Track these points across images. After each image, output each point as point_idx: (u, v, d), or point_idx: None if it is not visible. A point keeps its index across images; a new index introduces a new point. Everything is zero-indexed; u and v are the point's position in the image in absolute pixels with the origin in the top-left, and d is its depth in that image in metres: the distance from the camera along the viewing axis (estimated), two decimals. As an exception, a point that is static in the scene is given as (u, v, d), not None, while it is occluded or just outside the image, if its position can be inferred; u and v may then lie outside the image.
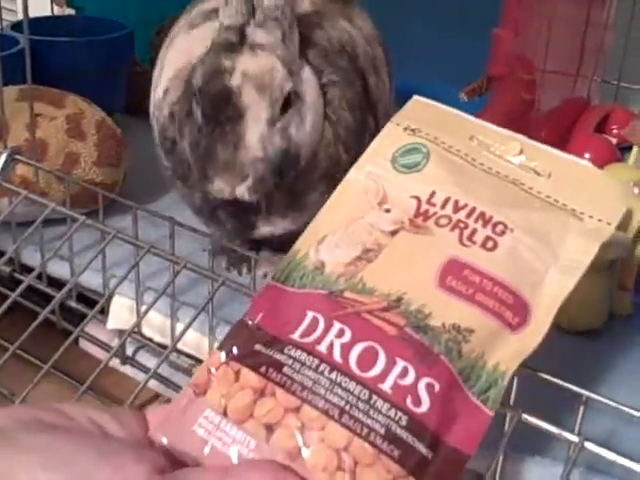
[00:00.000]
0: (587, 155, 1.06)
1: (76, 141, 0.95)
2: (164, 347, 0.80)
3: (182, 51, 0.85)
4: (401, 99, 0.91)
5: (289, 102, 0.73)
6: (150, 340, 0.81)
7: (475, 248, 0.55)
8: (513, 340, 0.53)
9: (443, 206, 0.57)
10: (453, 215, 0.57)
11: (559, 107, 1.13)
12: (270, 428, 0.48)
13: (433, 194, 0.58)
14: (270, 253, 0.91)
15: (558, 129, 1.11)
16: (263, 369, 0.50)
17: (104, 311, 0.85)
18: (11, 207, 0.86)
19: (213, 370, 0.52)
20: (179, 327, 0.78)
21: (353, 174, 0.61)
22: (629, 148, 1.11)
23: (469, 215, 0.57)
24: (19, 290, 0.79)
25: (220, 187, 0.72)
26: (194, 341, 0.77)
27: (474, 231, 0.56)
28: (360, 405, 0.48)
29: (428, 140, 0.62)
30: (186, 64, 0.81)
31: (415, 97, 0.67)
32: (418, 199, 0.58)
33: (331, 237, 0.58)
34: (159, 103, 0.83)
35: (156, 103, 0.84)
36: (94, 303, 0.86)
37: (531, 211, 0.58)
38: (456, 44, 1.39)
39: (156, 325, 0.80)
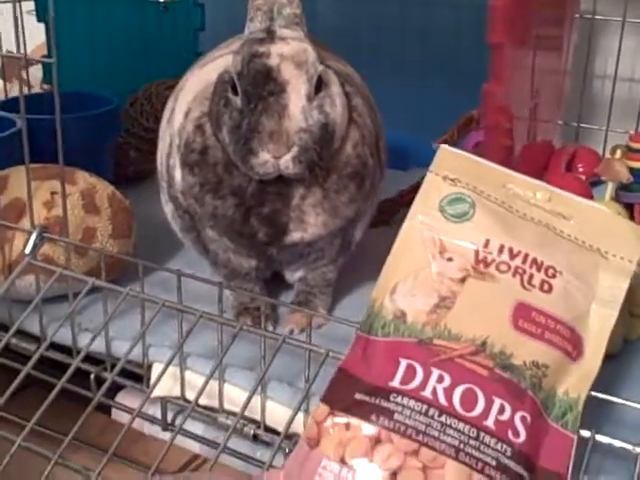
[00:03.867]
0: (563, 194, 1.17)
1: (92, 216, 0.99)
2: (211, 409, 0.85)
3: (199, 80, 0.94)
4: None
5: (320, 85, 0.82)
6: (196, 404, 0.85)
7: (535, 291, 0.64)
8: (574, 369, 0.62)
9: (500, 253, 0.66)
10: (511, 262, 0.65)
11: (529, 150, 1.24)
12: (393, 471, 0.54)
13: (488, 242, 0.66)
14: (290, 309, 0.97)
15: (531, 171, 1.22)
16: (374, 417, 0.57)
17: (141, 380, 0.89)
18: (48, 284, 0.89)
19: (322, 423, 0.58)
20: (226, 388, 0.83)
21: (408, 224, 0.69)
22: (595, 183, 1.24)
23: (524, 261, 0.65)
24: (67, 375, 0.81)
25: (265, 159, 0.79)
26: (243, 400, 0.81)
27: (531, 276, 0.65)
28: (472, 442, 0.55)
29: (469, 189, 0.70)
30: (205, 87, 0.89)
31: (443, 146, 0.75)
32: (475, 247, 0.66)
33: (402, 285, 0.65)
34: (180, 127, 0.90)
35: (175, 131, 0.91)
36: (124, 372, 0.90)
37: (569, 253, 0.67)
38: (420, 97, 1.50)
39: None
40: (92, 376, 0.89)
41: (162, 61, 1.55)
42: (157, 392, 0.87)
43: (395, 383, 0.59)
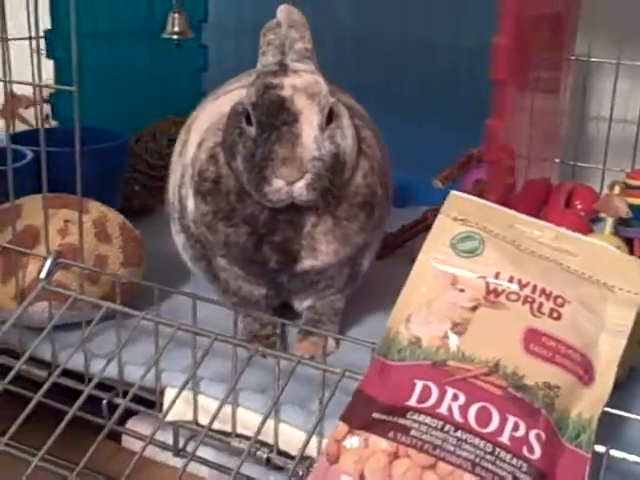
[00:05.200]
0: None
1: (104, 244, 1.02)
2: (223, 433, 0.86)
3: (212, 112, 0.97)
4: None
5: (331, 116, 0.85)
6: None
7: (545, 318, 0.67)
8: (586, 392, 0.65)
9: (509, 284, 0.69)
10: (520, 292, 0.69)
11: (529, 187, 1.28)
12: (411, 485, 0.57)
13: (498, 274, 0.70)
14: (301, 335, 0.99)
15: (532, 207, 1.26)
16: (392, 434, 0.60)
17: (153, 406, 0.90)
18: (62, 309, 0.92)
19: (342, 441, 0.60)
20: (240, 412, 0.85)
21: (422, 260, 0.73)
22: (594, 220, 1.28)
23: (533, 291, 0.69)
24: (78, 403, 0.82)
25: (278, 186, 0.82)
26: (256, 424, 0.83)
27: (541, 304, 0.68)
28: (487, 457, 0.58)
29: (478, 228, 0.74)
30: (218, 118, 0.93)
31: (452, 192, 0.79)
32: (485, 279, 0.70)
33: (416, 315, 0.68)
34: (193, 157, 0.93)
35: (188, 162, 0.95)
36: (136, 398, 0.91)
37: (576, 286, 0.71)
38: (418, 137, 1.54)
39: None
40: (104, 402, 0.90)
41: (166, 100, 1.59)
42: (170, 417, 0.89)
43: (411, 402, 0.62)
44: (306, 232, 0.88)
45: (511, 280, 0.69)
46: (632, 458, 0.63)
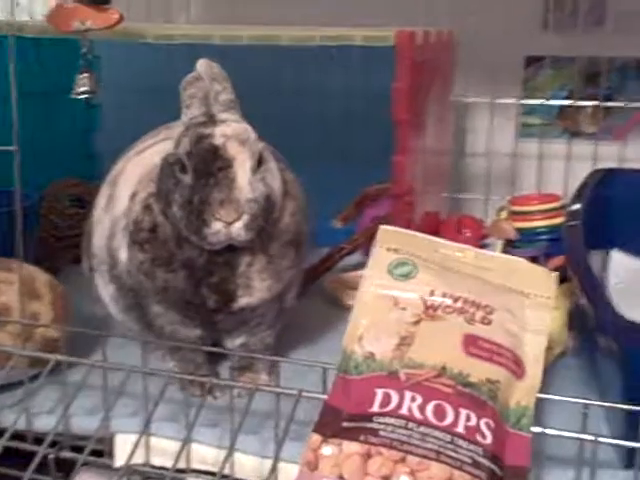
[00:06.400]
0: (458, 255, 1.34)
1: (34, 301, 1.05)
2: (181, 471, 0.90)
3: (141, 165, 1.03)
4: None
5: (261, 160, 0.94)
6: (162, 469, 0.91)
7: (478, 325, 0.78)
8: (520, 385, 0.77)
9: (443, 299, 0.79)
10: (454, 304, 0.79)
11: (422, 221, 1.40)
12: (386, 478, 0.65)
13: (432, 292, 0.81)
14: (235, 372, 1.06)
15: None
16: (362, 437, 0.68)
17: (101, 454, 0.94)
18: (8, 366, 0.94)
19: (318, 450, 0.68)
20: (194, 447, 0.90)
21: (364, 287, 0.82)
22: (483, 246, 1.41)
23: (464, 303, 0.80)
24: (34, 464, 0.85)
25: (217, 228, 0.89)
26: (213, 458, 0.89)
27: (473, 314, 0.79)
28: (448, 446, 0.68)
29: (409, 255, 0.84)
30: (150, 170, 0.99)
31: (382, 226, 0.89)
32: (422, 297, 0.80)
33: (367, 334, 0.78)
34: (126, 209, 0.99)
35: (119, 214, 1.01)
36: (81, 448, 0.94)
37: (499, 295, 0.83)
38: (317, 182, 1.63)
39: (170, 452, 0.90)
40: (51, 457, 0.91)
41: (61, 160, 1.62)
42: (121, 461, 0.93)
43: (375, 408, 0.70)
44: (241, 271, 0.95)
45: (444, 295, 0.80)
46: (566, 434, 0.74)
